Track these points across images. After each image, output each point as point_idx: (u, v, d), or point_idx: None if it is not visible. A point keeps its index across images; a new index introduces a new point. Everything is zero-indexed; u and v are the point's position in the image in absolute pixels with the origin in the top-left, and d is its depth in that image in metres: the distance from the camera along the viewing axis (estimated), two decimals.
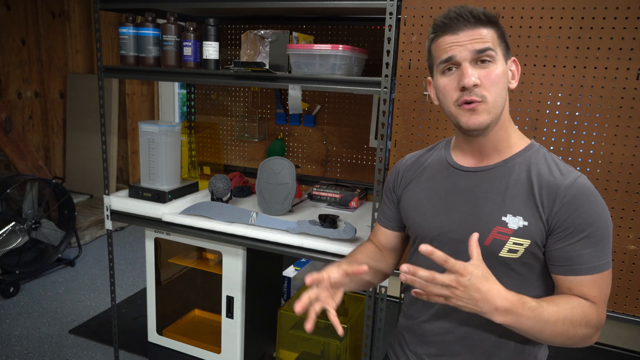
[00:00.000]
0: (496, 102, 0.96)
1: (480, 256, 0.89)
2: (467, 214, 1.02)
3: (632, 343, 2.73)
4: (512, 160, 1.01)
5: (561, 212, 0.94)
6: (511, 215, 0.97)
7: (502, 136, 1.02)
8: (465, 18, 0.95)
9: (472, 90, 0.95)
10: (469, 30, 0.95)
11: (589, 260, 0.94)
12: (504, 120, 1.01)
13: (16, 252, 3.15)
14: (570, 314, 0.92)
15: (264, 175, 1.96)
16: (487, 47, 0.94)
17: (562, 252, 0.95)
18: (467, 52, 0.95)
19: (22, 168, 3.69)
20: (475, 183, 1.03)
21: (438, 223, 1.06)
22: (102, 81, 2.03)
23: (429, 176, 1.12)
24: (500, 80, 0.96)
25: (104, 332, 2.71)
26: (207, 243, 1.96)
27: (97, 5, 1.92)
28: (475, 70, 0.95)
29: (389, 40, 1.51)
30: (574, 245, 0.94)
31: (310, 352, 2.16)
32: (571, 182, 0.95)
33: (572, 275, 0.95)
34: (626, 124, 1.33)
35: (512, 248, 0.97)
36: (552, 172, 0.97)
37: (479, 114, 0.96)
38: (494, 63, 0.96)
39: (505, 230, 0.97)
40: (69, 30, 4.29)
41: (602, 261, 0.94)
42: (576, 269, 0.95)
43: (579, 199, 0.93)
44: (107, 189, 2.10)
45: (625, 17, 1.28)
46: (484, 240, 0.99)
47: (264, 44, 1.89)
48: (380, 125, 1.58)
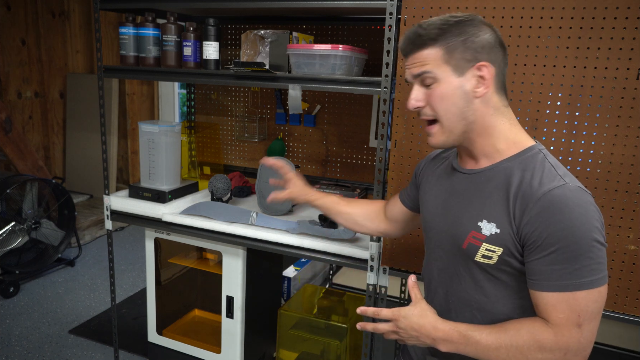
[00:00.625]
0: (448, 119, 0.98)
1: (419, 296, 1.02)
2: (455, 217, 1.03)
3: (632, 343, 2.73)
4: (499, 165, 0.99)
5: (530, 224, 0.90)
6: (486, 221, 0.96)
7: (484, 142, 1.00)
8: (409, 43, 0.99)
9: (420, 111, 1.01)
10: (413, 53, 0.99)
11: (557, 278, 0.88)
12: (481, 128, 0.99)
13: (16, 252, 3.15)
14: (514, 340, 0.90)
15: (264, 175, 1.96)
16: (422, 72, 0.97)
17: (532, 265, 0.91)
18: (410, 75, 1.00)
19: (22, 168, 3.69)
20: (466, 186, 1.04)
21: (435, 223, 1.09)
22: (102, 81, 2.03)
23: (440, 175, 1.14)
24: (449, 97, 0.97)
25: (104, 332, 2.71)
26: (207, 243, 1.96)
27: (97, 5, 1.92)
28: (422, 91, 1.00)
29: (389, 40, 1.51)
30: (542, 259, 0.89)
31: (310, 352, 2.16)
32: (543, 193, 0.89)
33: (538, 290, 0.91)
34: (626, 124, 1.33)
35: (486, 254, 0.96)
36: (533, 180, 0.92)
37: (432, 136, 1.02)
38: (437, 83, 0.97)
39: (479, 236, 0.97)
40: (69, 30, 4.29)
41: (575, 280, 0.87)
42: (542, 284, 0.90)
43: (548, 211, 0.88)
44: (107, 189, 2.10)
45: (625, 17, 1.28)
46: (462, 243, 1.00)
47: (264, 44, 1.89)
48: (380, 125, 1.58)
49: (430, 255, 1.13)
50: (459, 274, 1.03)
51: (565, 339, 0.88)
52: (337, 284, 3.36)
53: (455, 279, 1.04)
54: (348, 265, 1.69)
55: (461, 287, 1.03)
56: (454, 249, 1.03)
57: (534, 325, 0.91)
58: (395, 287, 2.59)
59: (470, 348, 0.94)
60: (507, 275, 0.97)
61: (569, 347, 0.88)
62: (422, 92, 0.99)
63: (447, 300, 1.06)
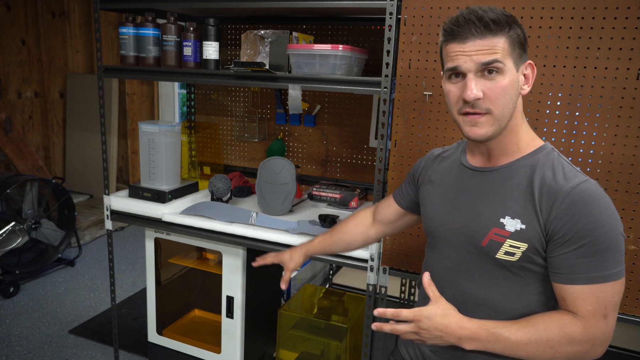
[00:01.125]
0: (502, 113, 0.94)
1: (437, 294, 0.97)
2: (470, 214, 1.02)
3: (632, 343, 2.73)
4: (518, 162, 0.99)
5: (558, 218, 0.91)
6: (509, 217, 0.96)
7: (510, 140, 1.00)
8: (474, 26, 0.91)
9: (475, 103, 0.94)
10: (477, 39, 0.91)
11: (586, 270, 0.90)
12: (513, 125, 0.99)
13: (16, 252, 3.15)
14: (544, 335, 0.90)
15: (264, 175, 1.96)
16: (493, 60, 0.91)
17: (559, 259, 0.92)
18: (473, 63, 0.92)
19: (22, 168, 3.69)
20: (480, 183, 1.03)
21: (444, 221, 1.08)
22: (102, 81, 2.03)
23: (444, 173, 1.13)
24: (508, 91, 0.93)
25: (104, 332, 2.71)
26: (207, 243, 1.96)
27: (97, 5, 1.92)
28: (480, 82, 0.93)
29: (389, 40, 1.51)
30: (572, 253, 0.90)
31: (310, 352, 2.16)
32: (571, 188, 0.91)
33: (566, 284, 0.92)
34: (626, 124, 1.33)
35: (509, 251, 0.96)
36: (556, 176, 0.94)
37: (480, 126, 0.95)
38: (501, 74, 0.92)
39: (502, 232, 0.97)
40: (69, 30, 4.29)
41: (603, 272, 0.89)
42: (571, 277, 0.91)
43: (578, 205, 0.89)
44: (107, 189, 2.10)
45: (625, 17, 1.28)
46: (482, 240, 0.99)
47: (264, 44, 1.89)
48: (380, 125, 1.58)
49: (436, 254, 1.12)
50: (471, 272, 1.03)
51: (593, 330, 0.90)
52: (337, 284, 3.36)
53: (467, 277, 1.04)
54: (348, 265, 1.69)
55: (475, 286, 1.02)
56: (468, 246, 1.02)
57: (562, 318, 0.92)
58: (395, 287, 2.59)
59: (499, 345, 0.92)
60: (526, 271, 0.97)
61: (597, 337, 0.90)
62: (482, 83, 0.93)
63: (455, 300, 1.04)
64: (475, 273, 1.02)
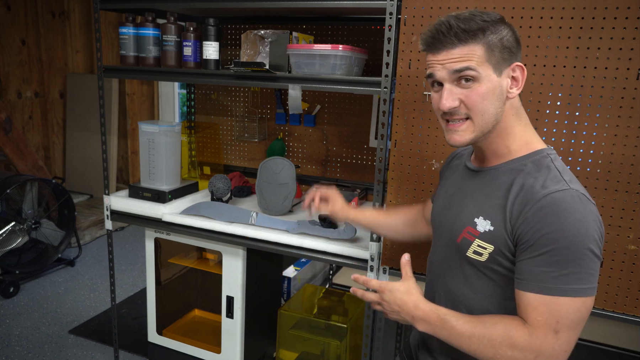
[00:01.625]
0: (483, 119, 0.95)
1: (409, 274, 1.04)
2: (455, 211, 1.05)
3: (632, 343, 2.73)
4: (505, 165, 0.99)
5: (525, 223, 0.89)
6: (482, 217, 0.97)
7: (499, 143, 1.00)
8: (446, 37, 0.92)
9: (453, 111, 0.96)
10: (449, 49, 0.92)
11: (542, 279, 0.87)
12: (502, 129, 0.99)
13: (16, 252, 3.15)
14: (487, 332, 0.90)
15: (264, 175, 1.96)
16: (465, 67, 0.92)
17: (520, 264, 0.91)
18: (446, 72, 0.93)
19: (22, 168, 3.69)
20: (472, 183, 1.06)
21: (439, 217, 1.12)
22: (102, 81, 2.03)
23: (453, 172, 1.16)
24: (486, 98, 0.93)
25: (104, 332, 2.71)
26: (207, 243, 1.96)
27: (97, 5, 1.92)
28: (456, 90, 0.94)
29: (389, 40, 1.51)
30: (532, 260, 0.88)
31: (310, 352, 2.16)
32: (544, 195, 0.88)
33: (521, 290, 0.90)
34: (626, 124, 1.33)
35: (477, 250, 0.97)
36: (536, 182, 0.92)
37: (459, 134, 0.97)
38: (477, 82, 0.92)
39: (473, 232, 0.98)
40: (69, 30, 4.29)
41: (559, 285, 0.86)
42: (527, 284, 0.89)
43: (545, 212, 0.87)
44: (107, 189, 2.10)
45: (625, 17, 1.28)
46: (457, 237, 1.02)
47: (264, 44, 1.89)
48: (380, 125, 1.57)
49: (432, 247, 1.16)
50: (452, 268, 1.05)
51: (539, 341, 0.87)
52: (337, 284, 3.36)
53: (448, 273, 1.07)
54: (348, 265, 1.69)
55: (453, 281, 1.05)
56: (450, 242, 1.05)
57: (511, 322, 0.91)
58: None
59: (445, 332, 0.95)
60: (495, 274, 0.98)
61: (542, 351, 0.87)
62: (458, 91, 0.94)
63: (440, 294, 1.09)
64: (454, 269, 1.05)
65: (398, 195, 1.62)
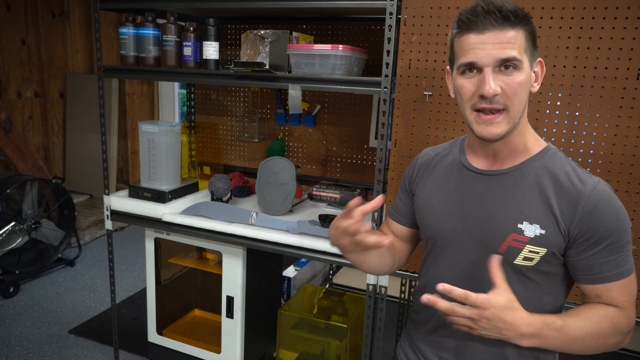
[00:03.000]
0: (517, 110, 0.92)
1: (504, 282, 0.87)
2: (481, 219, 0.98)
3: (632, 343, 2.73)
4: (527, 164, 0.97)
5: (583, 221, 0.91)
6: (527, 222, 0.94)
7: (518, 141, 0.97)
8: (494, 17, 0.87)
9: (493, 99, 0.90)
10: (496, 31, 0.87)
11: (615, 267, 0.92)
12: (521, 125, 0.96)
13: (16, 252, 3.15)
14: (598, 328, 0.92)
15: (264, 175, 1.96)
16: (513, 57, 0.88)
17: (587, 261, 0.93)
18: (491, 58, 0.88)
19: (22, 168, 3.69)
20: (489, 187, 0.99)
21: (452, 228, 1.03)
22: (102, 81, 2.03)
23: (443, 176, 1.08)
24: (524, 88, 0.91)
25: (104, 332, 2.71)
26: (207, 243, 1.96)
27: (97, 5, 1.92)
28: (498, 77, 0.89)
29: (389, 40, 1.51)
30: (599, 253, 0.92)
31: (310, 352, 2.16)
32: (591, 190, 0.92)
33: (599, 283, 0.94)
34: (626, 124, 1.33)
35: (528, 256, 0.94)
36: (571, 179, 0.94)
37: (496, 125, 0.92)
38: (518, 70, 0.89)
39: (521, 238, 0.94)
40: (69, 30, 4.29)
41: (627, 265, 0.93)
42: (603, 276, 0.93)
43: (601, 207, 0.91)
44: (107, 189, 2.10)
45: (625, 17, 1.28)
46: (498, 247, 0.96)
47: (264, 44, 1.89)
48: (380, 125, 1.58)
49: (440, 262, 1.06)
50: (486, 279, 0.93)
51: (632, 319, 0.95)
52: (337, 284, 3.36)
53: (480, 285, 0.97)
54: (348, 265, 1.69)
55: None
56: (482, 253, 0.97)
57: (609, 310, 0.94)
58: (395, 287, 2.59)
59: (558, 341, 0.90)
60: (540, 274, 0.97)
61: (632, 326, 0.96)
62: (500, 78, 0.90)
63: None
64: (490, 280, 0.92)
65: None
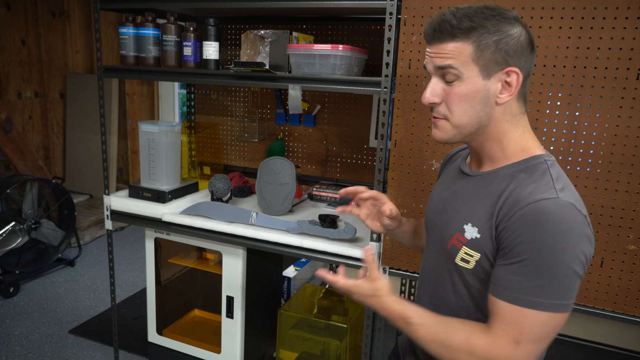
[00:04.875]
0: (459, 120, 0.92)
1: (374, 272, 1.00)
2: (447, 215, 1.03)
3: (632, 343, 2.73)
4: (500, 171, 0.95)
5: (506, 229, 0.87)
6: (471, 224, 0.94)
7: (492, 147, 0.97)
8: (436, 30, 0.90)
9: (433, 108, 0.95)
10: (439, 43, 0.91)
11: (514, 288, 0.85)
12: (492, 133, 0.94)
13: (16, 252, 3.15)
14: (449, 338, 0.91)
15: (264, 175, 1.96)
16: (447, 65, 0.89)
17: (496, 270, 0.89)
18: (432, 66, 0.93)
19: (22, 168, 3.69)
20: (464, 187, 1.02)
21: (432, 221, 1.09)
22: (102, 81, 2.03)
23: (448, 174, 1.13)
24: (465, 99, 0.90)
25: (104, 332, 2.71)
26: (207, 243, 1.96)
27: (97, 5, 1.92)
28: (441, 86, 0.93)
29: (389, 40, 1.51)
30: (508, 267, 0.86)
31: (310, 352, 2.16)
32: (529, 202, 0.85)
33: (493, 295, 0.89)
34: (626, 124, 1.33)
35: (465, 257, 0.95)
36: (525, 189, 0.88)
37: (438, 129, 0.97)
38: (459, 81, 0.90)
39: (461, 239, 0.95)
40: (69, 30, 4.29)
41: (529, 297, 0.83)
42: (498, 290, 0.87)
43: (526, 220, 0.84)
44: (107, 189, 2.10)
45: (625, 17, 1.28)
46: (447, 244, 0.99)
47: (264, 44, 1.89)
48: (380, 125, 1.58)
49: (426, 251, 1.14)
50: (442, 274, 1.03)
51: (497, 351, 0.86)
52: None
53: (439, 279, 1.04)
54: (348, 265, 1.69)
55: (442, 288, 1.03)
56: (441, 248, 1.03)
57: (474, 329, 0.90)
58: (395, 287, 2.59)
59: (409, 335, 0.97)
60: (481, 283, 0.95)
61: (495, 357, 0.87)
62: (441, 87, 0.92)
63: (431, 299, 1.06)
64: (443, 276, 1.02)
65: (398, 195, 1.62)
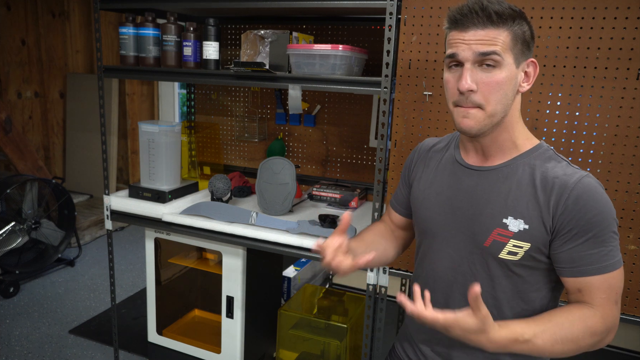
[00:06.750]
0: (495, 109, 0.94)
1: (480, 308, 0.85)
2: (470, 214, 1.02)
3: (632, 343, 2.73)
4: (516, 161, 0.99)
5: (565, 213, 0.92)
6: (512, 217, 0.96)
7: (505, 137, 0.99)
8: (476, 15, 0.90)
9: (468, 96, 0.93)
10: (478, 29, 0.91)
11: (597, 260, 0.92)
12: (508, 122, 0.98)
13: (16, 252, 3.15)
14: (569, 333, 0.90)
15: (264, 175, 1.96)
16: (491, 51, 0.90)
17: (569, 253, 0.93)
18: (471, 52, 0.91)
19: (22, 168, 3.69)
20: (479, 182, 1.02)
21: (442, 221, 1.06)
22: (102, 81, 2.02)
23: (438, 170, 1.11)
24: (503, 87, 0.92)
25: (104, 332, 2.71)
26: (207, 243, 1.96)
27: (97, 5, 1.92)
28: (476, 73, 0.92)
29: (389, 40, 1.51)
30: (581, 246, 0.92)
31: (310, 352, 2.16)
32: (575, 182, 0.92)
33: (581, 276, 0.93)
34: (626, 124, 1.33)
35: (512, 250, 0.97)
36: (556, 173, 0.94)
37: (470, 118, 0.95)
38: (498, 68, 0.91)
39: (506, 233, 0.97)
40: (69, 30, 4.29)
41: (611, 260, 0.92)
42: (584, 269, 0.93)
43: (583, 199, 0.91)
44: (107, 189, 2.10)
45: (625, 17, 1.28)
46: (484, 241, 0.99)
47: (264, 44, 1.89)
48: (380, 125, 1.58)
49: (433, 254, 1.10)
50: (473, 272, 1.02)
51: (609, 318, 0.93)
52: (337, 284, 3.36)
53: (469, 277, 1.03)
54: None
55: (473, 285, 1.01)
56: (470, 247, 1.02)
57: (583, 313, 0.93)
58: (395, 287, 2.59)
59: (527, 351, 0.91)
60: (526, 269, 0.98)
61: (612, 325, 0.93)
62: (477, 75, 0.92)
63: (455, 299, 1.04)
64: (477, 273, 1.02)
65: None
